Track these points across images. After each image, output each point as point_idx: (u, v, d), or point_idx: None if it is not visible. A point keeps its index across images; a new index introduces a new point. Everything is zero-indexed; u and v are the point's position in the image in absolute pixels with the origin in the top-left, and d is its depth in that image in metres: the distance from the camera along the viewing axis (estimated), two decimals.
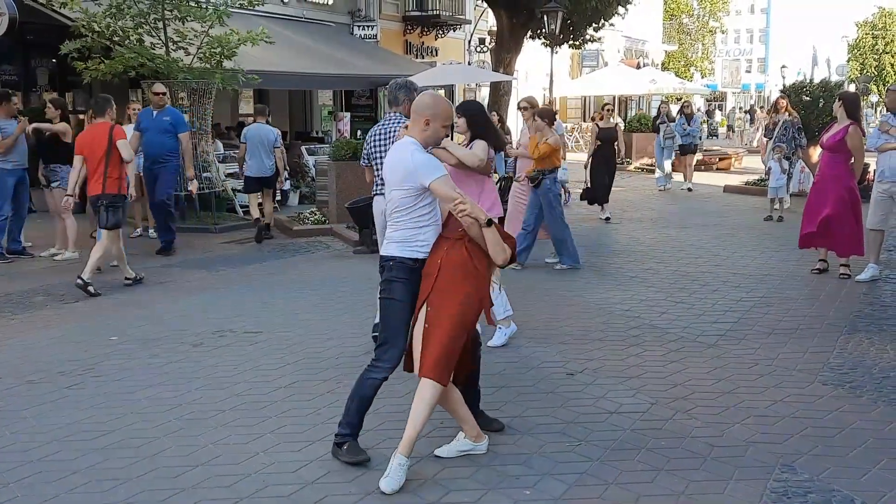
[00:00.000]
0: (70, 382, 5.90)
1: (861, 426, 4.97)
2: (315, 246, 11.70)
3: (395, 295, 4.42)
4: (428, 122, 4.43)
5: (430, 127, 4.43)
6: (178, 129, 11.14)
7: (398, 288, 4.41)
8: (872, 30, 73.11)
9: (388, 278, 4.45)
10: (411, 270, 4.38)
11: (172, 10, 12.79)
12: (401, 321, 4.43)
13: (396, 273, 4.41)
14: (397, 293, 4.41)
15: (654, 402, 5.38)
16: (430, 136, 4.46)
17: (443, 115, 4.45)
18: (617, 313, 7.70)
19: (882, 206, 8.70)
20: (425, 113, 4.43)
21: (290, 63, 16.93)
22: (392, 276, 4.43)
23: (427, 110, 4.44)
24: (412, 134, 4.48)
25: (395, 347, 4.45)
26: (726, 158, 24.88)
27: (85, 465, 4.53)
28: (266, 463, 4.52)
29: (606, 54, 40.20)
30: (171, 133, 11.06)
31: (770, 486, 4.22)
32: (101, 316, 7.83)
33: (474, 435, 4.61)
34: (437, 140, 4.55)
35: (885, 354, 6.37)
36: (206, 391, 5.69)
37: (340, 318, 7.65)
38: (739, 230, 12.70)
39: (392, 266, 4.44)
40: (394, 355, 4.45)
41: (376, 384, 4.49)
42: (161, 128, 11.08)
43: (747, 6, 77.53)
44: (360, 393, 4.50)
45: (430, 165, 4.33)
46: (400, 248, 4.42)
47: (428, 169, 4.30)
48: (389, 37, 24.57)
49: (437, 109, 4.45)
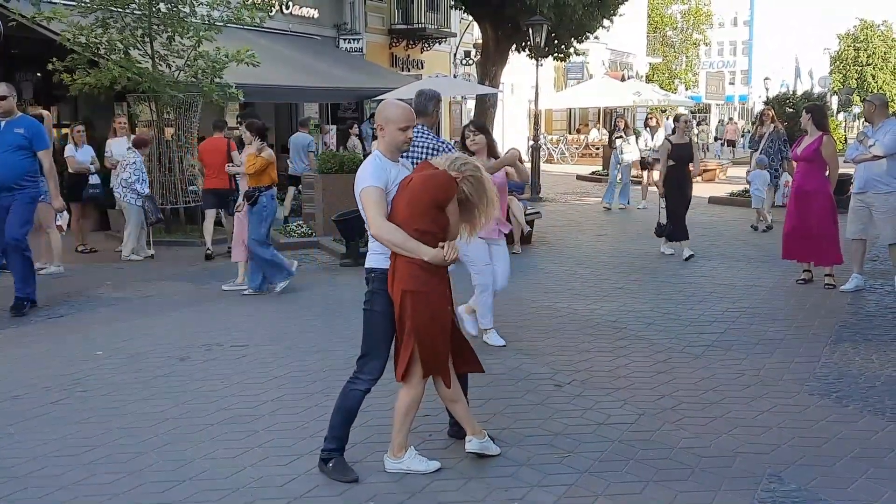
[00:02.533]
0: (56, 398, 5.86)
1: (848, 436, 4.99)
2: (302, 259, 11.65)
3: (376, 306, 4.42)
4: (382, 129, 4.45)
5: (385, 133, 4.44)
6: (36, 146, 8.36)
7: (379, 299, 4.40)
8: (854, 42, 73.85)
9: (370, 290, 4.46)
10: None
11: (159, 24, 12.78)
12: (382, 332, 4.42)
13: (377, 284, 4.41)
14: (378, 304, 4.41)
15: (642, 413, 5.39)
16: (389, 142, 4.44)
17: (395, 119, 4.42)
18: (604, 324, 7.72)
19: (860, 216, 8.76)
20: (379, 121, 4.48)
21: (276, 76, 16.92)
22: (374, 288, 4.43)
23: (380, 118, 4.48)
24: (379, 145, 4.51)
25: (378, 359, 4.45)
26: (711, 170, 25.02)
27: (70, 480, 4.49)
28: (254, 477, 4.50)
29: (591, 66, 40.40)
30: (27, 150, 8.31)
31: (758, 496, 4.23)
32: (88, 330, 7.79)
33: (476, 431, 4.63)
34: (397, 145, 4.46)
35: (870, 364, 6.41)
36: (193, 405, 5.66)
37: (327, 330, 7.63)
38: (725, 241, 12.76)
39: (373, 278, 4.44)
40: (376, 367, 4.44)
41: (359, 396, 4.48)
42: (12, 143, 8.24)
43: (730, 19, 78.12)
44: (344, 406, 4.49)
45: (363, 175, 4.36)
46: (378, 260, 4.43)
47: (361, 178, 4.37)
48: (375, 50, 24.61)
49: (388, 114, 4.45)
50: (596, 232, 14.22)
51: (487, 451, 4.65)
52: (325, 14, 22.61)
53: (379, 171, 4.37)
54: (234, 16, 13.41)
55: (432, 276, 4.29)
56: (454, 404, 4.58)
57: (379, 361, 4.44)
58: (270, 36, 19.44)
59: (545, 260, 11.36)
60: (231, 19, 13.50)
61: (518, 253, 11.63)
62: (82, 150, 11.87)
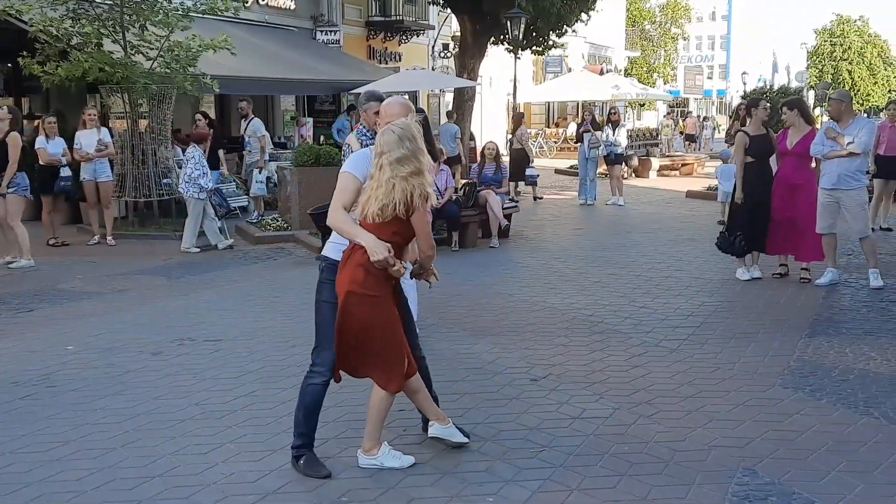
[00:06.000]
0: (24, 393, 5.77)
1: (821, 429, 5.00)
2: (277, 253, 11.59)
3: (324, 296, 4.40)
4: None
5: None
6: None
7: (326, 289, 4.38)
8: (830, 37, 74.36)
9: (320, 279, 4.44)
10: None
11: (132, 14, 12.63)
12: (332, 323, 4.35)
13: (327, 274, 4.40)
14: (326, 294, 4.38)
15: (617, 408, 5.38)
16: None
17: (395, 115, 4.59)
18: (580, 318, 7.71)
19: (830, 211, 8.77)
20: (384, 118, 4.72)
21: (251, 68, 16.80)
22: (322, 278, 4.42)
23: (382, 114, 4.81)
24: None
25: (329, 349, 4.39)
26: (688, 164, 25.18)
27: (38, 477, 4.42)
28: (225, 473, 4.45)
29: (570, 60, 40.45)
30: None
31: (732, 489, 4.23)
32: (59, 325, 7.68)
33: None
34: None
35: (844, 357, 6.44)
36: (165, 400, 5.59)
37: (302, 325, 7.54)
38: (701, 235, 12.80)
39: (324, 267, 4.43)
40: (327, 357, 4.39)
41: (317, 391, 4.45)
42: None
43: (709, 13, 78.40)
44: (304, 401, 4.47)
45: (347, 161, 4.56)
46: (334, 249, 4.42)
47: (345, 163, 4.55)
48: (352, 42, 24.49)
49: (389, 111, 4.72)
50: (573, 226, 14.24)
51: (452, 437, 4.63)
52: (302, 5, 22.46)
53: (364, 160, 4.36)
54: (208, 5, 13.27)
55: (378, 285, 4.23)
56: (414, 395, 4.55)
57: (330, 352, 4.38)
58: (246, 27, 19.29)
59: (522, 254, 11.35)
60: (205, 8, 13.36)
61: (495, 247, 11.62)
62: (53, 142, 11.72)
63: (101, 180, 12.23)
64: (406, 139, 4.15)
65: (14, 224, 10.22)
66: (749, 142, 9.01)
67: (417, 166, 4.14)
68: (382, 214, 4.14)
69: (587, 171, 17.15)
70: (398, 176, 4.10)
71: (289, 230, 12.69)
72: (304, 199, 12.33)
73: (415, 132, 4.19)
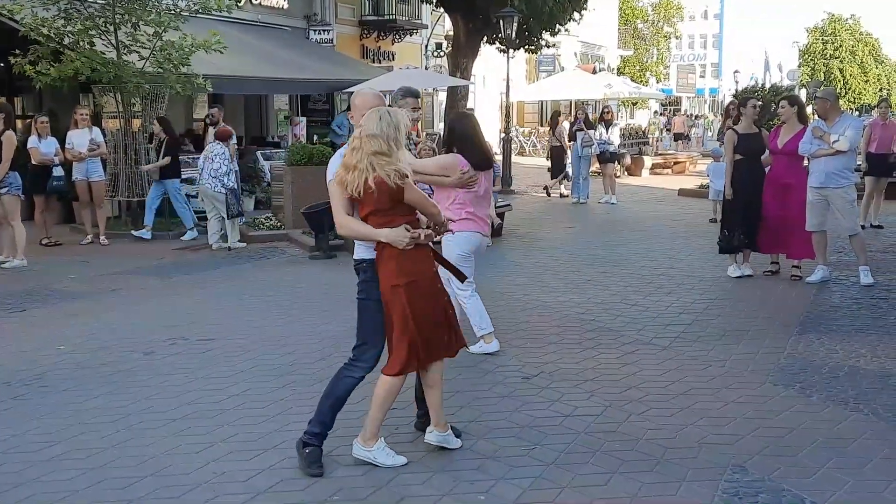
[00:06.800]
0: (16, 393, 5.77)
1: (811, 426, 5.02)
2: (270, 252, 11.59)
3: (369, 295, 4.45)
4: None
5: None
6: None
7: (369, 288, 4.44)
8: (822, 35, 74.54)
9: (361, 280, 4.50)
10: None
11: (124, 13, 12.60)
12: (378, 321, 4.44)
13: (368, 274, 4.45)
14: (370, 293, 4.44)
15: (609, 405, 5.40)
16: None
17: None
18: (573, 316, 7.73)
19: (819, 209, 8.79)
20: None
21: (245, 67, 16.76)
22: (364, 278, 4.47)
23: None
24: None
25: (375, 347, 4.48)
26: (680, 162, 25.23)
27: (30, 477, 4.42)
28: (216, 472, 4.45)
29: (563, 59, 40.47)
30: None
31: (722, 486, 4.24)
32: (51, 325, 7.67)
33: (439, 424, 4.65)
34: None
35: (834, 354, 6.46)
36: (156, 400, 5.59)
37: (295, 324, 7.58)
38: (693, 233, 12.83)
39: (363, 268, 4.48)
40: (373, 355, 4.49)
41: (352, 383, 4.50)
42: None
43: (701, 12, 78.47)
44: (335, 392, 4.51)
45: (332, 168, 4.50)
46: (364, 251, 4.47)
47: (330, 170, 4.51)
48: (346, 41, 24.46)
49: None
50: (566, 224, 14.26)
51: (447, 444, 4.64)
52: (295, 4, 22.42)
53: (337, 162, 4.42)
54: (201, 4, 13.25)
55: (416, 264, 4.33)
56: (431, 389, 4.57)
57: (376, 350, 4.48)
58: (239, 27, 19.26)
59: (515, 252, 11.36)
60: (198, 8, 13.35)
61: (489, 245, 11.59)
62: (46, 141, 11.70)
63: (94, 180, 12.21)
64: (385, 122, 4.23)
65: (15, 223, 10.21)
66: (738, 140, 9.05)
67: (384, 148, 4.19)
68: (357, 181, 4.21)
69: (580, 170, 17.16)
70: (366, 151, 4.20)
71: (282, 229, 12.69)
72: (298, 198, 12.34)
73: (398, 119, 4.28)
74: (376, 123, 4.22)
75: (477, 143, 6.07)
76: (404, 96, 6.01)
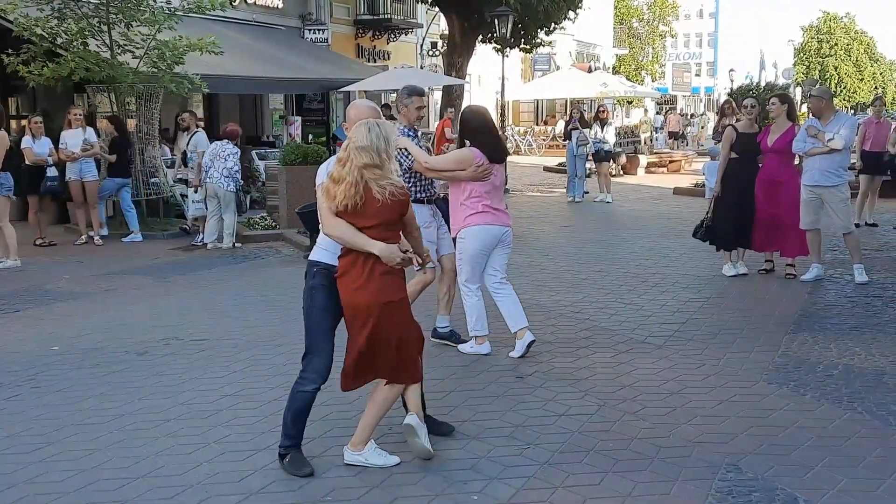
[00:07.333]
0: (9, 394, 5.75)
1: (805, 425, 5.02)
2: (265, 251, 11.57)
3: (317, 302, 4.34)
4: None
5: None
6: None
7: (319, 295, 4.33)
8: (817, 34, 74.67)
9: (310, 285, 4.37)
10: (335, 278, 4.30)
11: (118, 13, 12.58)
12: (324, 329, 4.34)
13: (319, 279, 4.33)
14: (319, 300, 4.33)
15: (603, 404, 5.40)
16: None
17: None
18: (567, 315, 7.72)
19: (813, 208, 8.80)
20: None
21: (240, 67, 16.76)
22: (314, 284, 4.35)
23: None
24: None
25: (321, 357, 4.36)
26: (675, 161, 25.26)
27: (22, 478, 4.40)
28: (209, 473, 4.44)
29: (558, 58, 40.51)
30: None
31: (715, 485, 4.24)
32: (44, 325, 7.65)
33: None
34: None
35: (828, 353, 6.47)
36: (150, 401, 5.57)
37: (289, 324, 7.54)
38: (688, 231, 12.77)
39: (315, 272, 4.36)
40: (319, 365, 4.36)
41: (306, 398, 4.39)
42: None
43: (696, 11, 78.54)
44: (293, 407, 4.42)
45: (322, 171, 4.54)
46: (324, 255, 4.37)
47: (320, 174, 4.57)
48: (341, 40, 24.46)
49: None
50: (561, 223, 14.26)
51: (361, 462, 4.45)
52: (290, 4, 22.42)
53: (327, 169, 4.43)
54: (195, 3, 13.22)
55: (401, 279, 4.32)
56: (372, 404, 4.49)
57: (322, 359, 4.35)
58: (234, 26, 19.25)
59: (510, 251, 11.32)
60: (192, 7, 13.32)
61: None
62: (40, 141, 11.67)
63: (87, 180, 12.17)
64: (374, 133, 4.12)
65: (3, 224, 10.18)
66: (736, 137, 9.02)
67: (375, 160, 4.09)
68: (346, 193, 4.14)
69: (575, 169, 17.16)
70: (355, 164, 4.11)
71: (276, 229, 12.67)
72: (292, 197, 12.32)
73: (388, 131, 4.17)
74: (365, 135, 4.10)
75: (492, 136, 6.13)
76: (410, 95, 6.03)
